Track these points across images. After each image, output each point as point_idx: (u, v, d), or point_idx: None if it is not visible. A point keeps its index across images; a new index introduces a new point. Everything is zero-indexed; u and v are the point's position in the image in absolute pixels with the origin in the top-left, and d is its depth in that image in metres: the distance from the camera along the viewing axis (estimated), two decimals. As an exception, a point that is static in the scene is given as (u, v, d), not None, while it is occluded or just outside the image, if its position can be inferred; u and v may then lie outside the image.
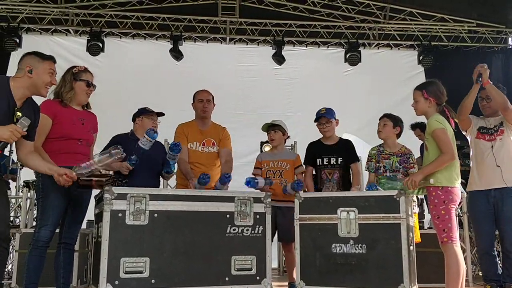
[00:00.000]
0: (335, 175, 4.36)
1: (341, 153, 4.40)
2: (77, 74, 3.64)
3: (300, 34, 10.08)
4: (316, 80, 9.90)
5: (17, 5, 9.28)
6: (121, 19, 9.69)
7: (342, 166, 4.38)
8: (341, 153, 4.40)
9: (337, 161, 4.38)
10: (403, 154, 4.32)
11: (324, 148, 4.47)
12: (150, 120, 4.38)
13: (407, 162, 4.28)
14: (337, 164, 4.38)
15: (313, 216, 3.58)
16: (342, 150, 4.42)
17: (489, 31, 10.05)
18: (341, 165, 4.38)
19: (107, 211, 3.21)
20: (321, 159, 4.42)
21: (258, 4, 9.83)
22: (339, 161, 4.38)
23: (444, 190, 3.54)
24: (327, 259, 3.50)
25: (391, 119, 4.36)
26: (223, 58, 9.89)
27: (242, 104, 9.40)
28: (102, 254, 3.16)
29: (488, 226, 4.11)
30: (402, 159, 4.29)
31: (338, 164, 4.38)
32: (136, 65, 9.62)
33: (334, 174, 4.36)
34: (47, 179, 3.41)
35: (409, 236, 3.48)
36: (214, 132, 4.63)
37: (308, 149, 4.60)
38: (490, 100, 4.21)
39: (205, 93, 4.67)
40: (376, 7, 9.83)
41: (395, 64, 10.23)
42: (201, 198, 3.47)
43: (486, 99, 4.24)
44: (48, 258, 3.48)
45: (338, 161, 4.38)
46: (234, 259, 3.42)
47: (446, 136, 3.55)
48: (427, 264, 4.67)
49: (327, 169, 4.39)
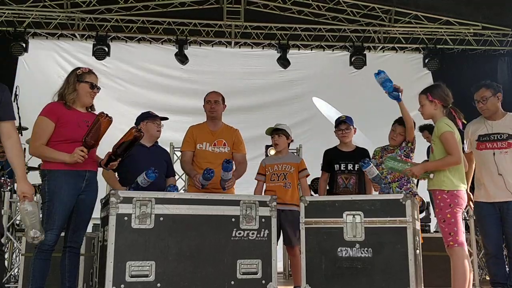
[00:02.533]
0: (351, 180, 4.45)
1: (358, 160, 4.39)
2: (80, 75, 3.63)
3: (305, 38, 10.08)
4: (321, 83, 9.91)
5: (24, 10, 9.33)
6: (127, 24, 9.72)
7: (359, 172, 4.44)
8: (358, 159, 4.40)
9: (354, 167, 4.47)
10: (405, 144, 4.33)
11: (342, 155, 4.56)
12: (154, 124, 4.39)
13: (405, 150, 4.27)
14: (354, 170, 4.47)
15: (319, 220, 3.57)
16: (359, 157, 4.42)
17: (495, 34, 10.01)
18: (357, 172, 4.45)
19: (113, 215, 3.22)
20: (338, 164, 4.51)
21: (263, 8, 9.84)
22: (356, 167, 4.45)
23: (450, 193, 3.53)
24: (332, 263, 3.48)
25: (402, 126, 4.30)
26: (228, 62, 9.91)
27: (247, 107, 9.40)
28: (108, 257, 3.17)
29: (494, 229, 4.06)
30: (401, 147, 4.31)
31: (355, 170, 4.47)
32: (142, 69, 9.66)
33: (350, 180, 4.46)
34: (52, 182, 3.42)
35: (415, 240, 3.47)
36: (226, 133, 4.64)
37: (325, 155, 4.68)
38: (485, 102, 4.07)
39: (213, 94, 4.69)
40: (381, 10, 9.82)
41: (400, 67, 10.19)
42: (207, 202, 3.47)
43: (482, 101, 4.10)
44: (54, 262, 3.49)
45: (355, 167, 4.46)
46: (239, 262, 3.42)
47: (454, 139, 3.55)
48: (434, 268, 4.65)
49: (344, 175, 4.48)
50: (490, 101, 4.06)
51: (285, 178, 4.49)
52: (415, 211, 3.56)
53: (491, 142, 4.06)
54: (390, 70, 5.65)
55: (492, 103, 4.07)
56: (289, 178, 4.49)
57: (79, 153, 3.39)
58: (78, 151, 3.39)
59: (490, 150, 4.06)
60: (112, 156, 3.56)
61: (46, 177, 3.49)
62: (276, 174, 4.53)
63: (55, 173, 3.47)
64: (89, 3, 9.42)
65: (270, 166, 4.59)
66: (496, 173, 3.99)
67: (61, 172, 3.46)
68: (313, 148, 7.74)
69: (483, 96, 4.08)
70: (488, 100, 4.06)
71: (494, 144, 4.04)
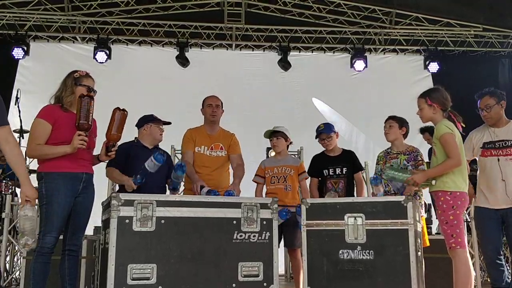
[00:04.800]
0: (340, 184, 4.50)
1: (346, 163, 4.56)
2: (78, 78, 3.63)
3: (306, 40, 10.10)
4: (322, 85, 9.91)
5: (25, 13, 9.36)
6: (128, 26, 9.75)
7: (347, 175, 4.53)
8: (345, 163, 4.56)
9: (342, 171, 4.54)
10: (410, 152, 4.35)
11: (329, 160, 4.61)
12: (158, 128, 4.40)
13: (415, 160, 4.29)
14: (342, 173, 4.53)
15: (320, 222, 3.56)
16: (347, 161, 4.59)
17: (496, 35, 10.01)
18: (346, 175, 4.53)
19: (114, 218, 3.22)
20: (327, 170, 4.56)
21: (264, 11, 9.85)
22: (344, 171, 4.54)
23: (452, 195, 3.52)
24: (334, 266, 3.47)
25: (396, 120, 4.42)
26: (229, 64, 9.92)
27: (247, 110, 9.40)
28: (109, 260, 3.16)
29: (493, 234, 3.99)
30: (410, 157, 4.32)
31: (343, 174, 4.53)
32: (143, 72, 9.66)
33: (339, 184, 4.50)
34: (49, 184, 3.42)
35: (417, 242, 3.46)
36: (223, 137, 4.66)
37: (312, 161, 4.74)
38: (490, 110, 4.01)
39: (214, 98, 4.70)
40: (382, 12, 9.83)
41: (401, 69, 10.21)
42: (208, 204, 3.46)
43: (486, 109, 4.03)
44: (54, 264, 3.48)
45: (343, 171, 4.53)
46: (241, 265, 3.41)
47: (453, 141, 3.54)
48: (436, 270, 4.65)
49: (333, 179, 4.53)
50: (494, 110, 4.01)
51: (285, 180, 4.50)
52: (416, 213, 3.56)
53: (496, 149, 4.00)
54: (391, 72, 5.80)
55: (496, 111, 4.02)
56: (289, 180, 4.50)
57: (78, 138, 3.38)
58: (76, 137, 3.38)
59: (495, 157, 4.00)
60: (109, 143, 3.58)
61: (43, 180, 3.47)
62: (276, 177, 4.53)
63: (52, 176, 3.46)
64: (90, 6, 9.45)
65: (269, 169, 4.59)
66: (499, 179, 3.92)
67: (58, 174, 3.45)
68: (313, 150, 7.72)
69: (487, 105, 4.01)
70: (492, 108, 4.00)
71: (500, 152, 3.98)
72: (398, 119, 4.42)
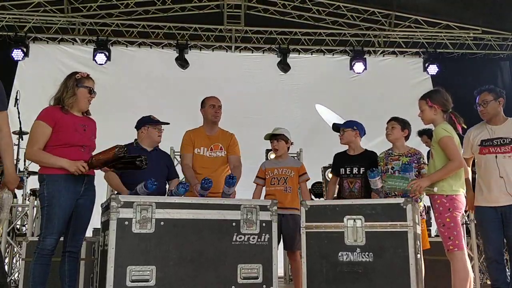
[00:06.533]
0: (356, 184, 4.34)
1: (364, 163, 4.36)
2: (79, 80, 3.63)
3: (305, 42, 10.11)
4: (322, 87, 9.92)
5: (24, 15, 9.37)
6: (127, 28, 9.76)
7: (364, 176, 4.32)
8: (363, 163, 4.37)
9: (359, 171, 4.35)
10: (412, 154, 4.29)
11: (348, 158, 4.48)
12: (155, 130, 4.39)
13: (418, 162, 4.25)
14: (359, 174, 4.35)
15: (320, 224, 3.56)
16: (365, 161, 4.39)
17: (495, 38, 10.03)
18: (362, 175, 4.34)
19: (114, 220, 3.22)
20: (344, 168, 4.43)
21: (263, 13, 9.88)
22: (361, 171, 4.35)
23: (448, 198, 3.53)
24: (333, 268, 3.47)
25: (398, 122, 4.37)
26: (228, 66, 9.93)
27: (247, 112, 9.41)
28: (108, 262, 3.16)
29: (495, 233, 4.02)
30: (411, 159, 4.26)
31: (359, 174, 4.35)
32: (142, 74, 9.67)
33: (356, 184, 4.35)
34: (51, 186, 3.42)
35: (417, 244, 3.46)
36: (222, 138, 4.66)
37: (334, 159, 4.63)
38: (486, 105, 4.03)
39: (216, 99, 4.71)
40: (381, 15, 9.85)
41: (400, 72, 10.23)
42: (207, 206, 3.46)
43: (483, 104, 4.05)
44: (54, 266, 3.48)
45: (360, 171, 4.35)
46: (240, 267, 3.41)
47: (453, 143, 3.55)
48: (435, 273, 4.64)
49: (349, 178, 4.38)
50: (491, 105, 4.03)
51: (285, 182, 4.47)
52: (416, 216, 3.56)
53: (494, 147, 4.00)
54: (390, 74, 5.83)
55: (492, 107, 4.04)
56: (289, 182, 4.47)
57: (80, 167, 3.41)
58: (80, 166, 3.41)
59: (493, 154, 4.00)
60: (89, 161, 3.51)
61: (44, 182, 3.47)
62: (276, 178, 4.51)
63: (53, 178, 3.46)
64: (90, 8, 9.45)
65: (270, 170, 4.57)
66: (497, 176, 3.93)
67: (59, 176, 3.45)
68: (313, 152, 7.75)
69: (484, 100, 4.04)
70: (488, 103, 4.03)
71: (497, 149, 3.98)
72: (401, 121, 4.37)
